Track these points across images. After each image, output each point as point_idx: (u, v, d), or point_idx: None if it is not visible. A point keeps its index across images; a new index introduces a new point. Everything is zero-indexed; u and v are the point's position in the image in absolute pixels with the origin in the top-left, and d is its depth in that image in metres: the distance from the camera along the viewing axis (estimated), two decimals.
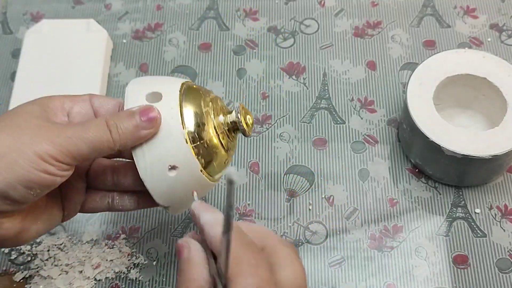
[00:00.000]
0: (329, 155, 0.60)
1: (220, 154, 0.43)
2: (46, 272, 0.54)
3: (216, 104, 0.44)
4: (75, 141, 0.38)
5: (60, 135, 0.38)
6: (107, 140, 0.39)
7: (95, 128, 0.39)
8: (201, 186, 0.43)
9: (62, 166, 0.38)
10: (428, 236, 0.55)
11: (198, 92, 0.43)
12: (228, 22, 0.70)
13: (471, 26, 0.67)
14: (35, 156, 0.37)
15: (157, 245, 0.56)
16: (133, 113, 0.40)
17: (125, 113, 0.40)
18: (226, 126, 0.44)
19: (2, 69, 0.68)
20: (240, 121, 0.44)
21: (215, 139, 0.43)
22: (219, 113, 0.44)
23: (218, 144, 0.43)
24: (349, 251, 0.54)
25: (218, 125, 0.43)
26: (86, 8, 0.72)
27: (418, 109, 0.55)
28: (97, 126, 0.39)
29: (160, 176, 0.41)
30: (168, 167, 0.41)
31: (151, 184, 0.41)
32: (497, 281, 0.52)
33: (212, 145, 0.42)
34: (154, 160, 0.40)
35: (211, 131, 0.42)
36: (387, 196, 0.57)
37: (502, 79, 0.56)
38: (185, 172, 0.41)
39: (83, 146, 0.38)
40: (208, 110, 0.43)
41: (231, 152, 0.45)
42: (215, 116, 0.43)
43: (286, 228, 0.56)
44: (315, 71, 0.65)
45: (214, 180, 0.44)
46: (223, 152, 0.43)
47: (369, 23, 0.68)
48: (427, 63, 0.58)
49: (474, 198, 0.57)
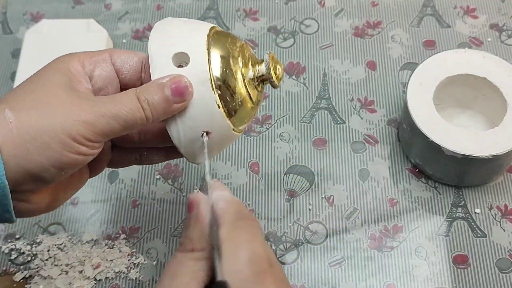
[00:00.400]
0: (329, 155, 0.60)
1: (250, 110, 0.42)
2: (46, 272, 0.54)
3: (244, 55, 0.42)
4: (108, 119, 0.37)
5: (93, 113, 0.36)
6: (141, 118, 0.38)
7: (128, 105, 0.37)
8: (231, 140, 0.43)
9: (94, 145, 0.37)
10: (428, 236, 0.55)
11: (225, 43, 0.41)
12: (228, 22, 0.70)
13: (471, 26, 0.67)
14: (69, 139, 0.36)
15: (157, 245, 0.56)
16: (163, 86, 0.38)
17: (155, 86, 0.38)
18: (255, 80, 0.42)
19: (2, 69, 0.68)
20: (270, 74, 0.42)
21: (246, 98, 0.41)
22: (248, 65, 0.42)
23: (249, 101, 0.41)
24: (349, 251, 0.54)
25: (249, 81, 0.41)
26: (86, 8, 0.72)
27: (418, 109, 0.55)
28: (129, 103, 0.38)
29: (194, 142, 0.40)
30: (201, 133, 0.40)
31: (185, 150, 0.41)
32: (497, 281, 0.52)
33: (244, 104, 0.41)
34: (187, 128, 0.40)
35: (243, 91, 0.41)
36: (387, 196, 0.57)
37: (502, 79, 0.56)
38: (218, 135, 0.41)
39: (115, 125, 0.37)
40: (237, 66, 0.41)
41: (259, 104, 0.43)
42: (246, 72, 0.41)
43: (286, 228, 0.56)
44: (315, 71, 0.65)
45: (239, 131, 0.43)
46: (252, 107, 0.42)
47: (369, 23, 0.68)
48: (427, 63, 0.58)
49: (474, 198, 0.57)
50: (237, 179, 0.59)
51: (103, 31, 0.67)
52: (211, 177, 0.41)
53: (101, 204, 0.58)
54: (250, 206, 0.57)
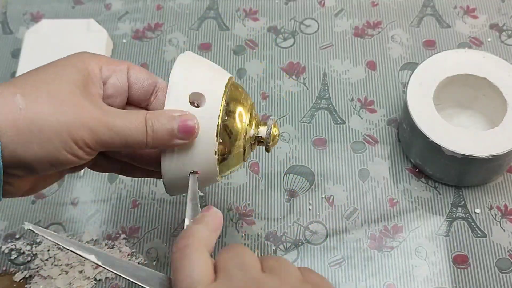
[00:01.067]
0: (329, 155, 0.60)
1: (238, 161, 0.44)
2: (46, 272, 0.54)
3: (251, 114, 0.44)
4: (111, 134, 0.38)
5: (101, 124, 0.37)
6: (141, 141, 0.39)
7: (135, 126, 0.38)
8: (210, 183, 0.45)
9: (91, 152, 0.38)
10: (428, 236, 0.55)
11: (240, 98, 0.43)
12: (228, 22, 0.70)
13: (471, 26, 0.67)
14: (71, 141, 0.36)
15: (157, 245, 0.56)
16: (173, 119, 0.39)
17: (165, 116, 0.39)
18: (253, 140, 0.44)
19: (2, 69, 0.68)
20: (269, 140, 0.44)
21: (241, 153, 0.43)
22: (252, 123, 0.44)
23: (241, 156, 0.43)
24: (349, 251, 0.54)
25: (248, 139, 0.43)
26: (86, 8, 0.72)
27: (418, 109, 0.55)
28: (136, 125, 0.38)
29: (179, 177, 0.41)
30: (190, 171, 0.41)
31: (168, 182, 0.42)
32: (497, 281, 0.52)
33: (237, 157, 0.43)
34: (179, 164, 0.41)
35: (241, 146, 0.43)
36: (387, 196, 0.57)
37: (502, 79, 0.56)
38: (204, 176, 0.42)
39: (117, 140, 0.38)
40: (244, 123, 0.42)
41: (245, 161, 0.45)
42: (248, 127, 0.43)
43: (286, 228, 0.56)
44: (315, 71, 0.65)
45: (220, 177, 0.44)
46: (241, 160, 0.44)
47: (369, 23, 0.68)
48: (427, 63, 0.58)
49: (474, 198, 0.57)
50: (237, 179, 0.59)
51: (103, 31, 0.67)
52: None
53: (101, 204, 0.58)
54: (250, 206, 0.57)
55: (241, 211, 0.57)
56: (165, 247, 0.55)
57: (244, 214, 0.57)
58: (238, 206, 0.57)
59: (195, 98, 0.41)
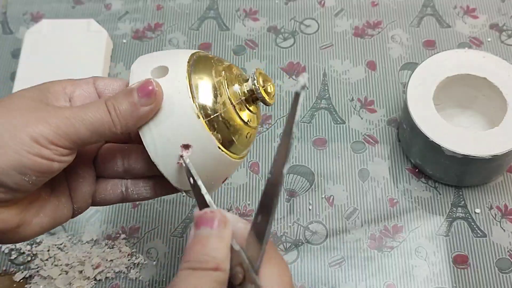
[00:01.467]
0: (329, 155, 0.60)
1: (239, 127, 0.39)
2: (46, 272, 0.54)
3: (231, 73, 0.40)
4: (73, 122, 0.35)
5: (57, 116, 0.35)
6: (107, 122, 0.36)
7: (94, 109, 0.36)
8: (223, 164, 0.40)
9: (59, 150, 0.35)
10: (428, 236, 0.55)
11: (209, 61, 0.39)
12: (228, 22, 0.70)
13: (471, 26, 0.67)
14: (29, 139, 0.34)
15: (157, 245, 0.56)
16: (131, 90, 0.36)
17: (123, 91, 0.37)
18: (243, 96, 0.39)
19: (2, 69, 0.68)
20: (258, 89, 0.39)
21: (231, 111, 0.38)
22: (234, 82, 0.39)
23: (236, 116, 0.39)
24: (349, 251, 0.54)
25: (233, 95, 0.39)
26: (86, 8, 0.72)
27: (418, 109, 0.55)
28: (96, 107, 0.36)
29: (173, 157, 0.37)
30: (180, 147, 0.37)
31: (164, 167, 0.38)
32: (497, 281, 0.52)
33: (229, 118, 0.38)
34: (164, 140, 0.37)
35: (226, 103, 0.38)
36: (387, 196, 0.57)
37: (502, 79, 0.56)
38: (201, 150, 0.38)
39: (81, 128, 0.35)
40: (221, 80, 0.39)
41: (252, 124, 0.40)
42: (229, 86, 0.39)
43: (286, 228, 0.56)
44: (315, 71, 0.65)
45: (238, 157, 0.40)
46: (242, 125, 0.39)
47: (369, 23, 0.68)
48: (427, 63, 0.58)
49: (474, 198, 0.57)
50: (237, 179, 0.59)
51: (103, 31, 0.67)
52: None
53: None
54: (250, 206, 0.57)
55: (241, 211, 0.57)
56: (165, 247, 0.55)
57: (244, 214, 0.57)
58: (238, 206, 0.57)
59: (157, 73, 0.38)
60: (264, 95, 0.39)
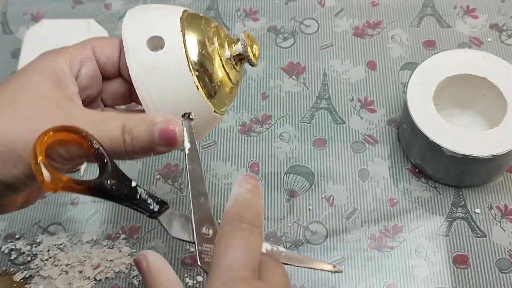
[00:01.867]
0: (329, 155, 0.60)
1: (228, 88, 0.42)
2: (46, 272, 0.54)
3: (220, 35, 0.42)
4: None
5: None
6: (118, 147, 0.36)
7: (110, 135, 0.36)
8: (213, 124, 0.44)
9: (68, 162, 0.37)
10: (428, 236, 0.55)
11: (199, 26, 0.41)
12: (228, 22, 0.70)
13: (471, 26, 0.67)
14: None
15: (157, 245, 0.56)
16: (154, 126, 0.36)
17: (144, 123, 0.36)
18: (233, 59, 0.42)
19: (2, 69, 0.68)
20: (247, 52, 0.42)
21: (223, 74, 0.41)
22: (224, 45, 0.42)
23: (226, 79, 0.41)
24: (349, 251, 0.54)
25: (225, 61, 0.42)
26: (86, 8, 0.72)
27: (418, 109, 0.55)
28: (112, 133, 0.36)
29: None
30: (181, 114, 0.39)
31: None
32: (497, 281, 0.52)
33: (221, 81, 0.41)
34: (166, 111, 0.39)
35: (219, 66, 0.41)
36: (387, 196, 0.57)
37: (502, 79, 0.56)
38: (200, 118, 0.39)
39: None
40: (213, 47, 0.41)
41: (238, 84, 0.43)
42: (221, 49, 0.41)
43: (286, 228, 0.56)
44: (315, 71, 0.65)
45: (221, 113, 0.43)
46: (230, 86, 0.42)
47: (369, 23, 0.68)
48: (427, 63, 0.58)
49: (474, 198, 0.57)
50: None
51: (103, 31, 0.67)
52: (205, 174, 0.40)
53: (101, 204, 0.58)
54: None
55: None
56: (165, 247, 0.55)
57: None
58: None
59: (154, 43, 0.39)
60: (252, 57, 0.43)
